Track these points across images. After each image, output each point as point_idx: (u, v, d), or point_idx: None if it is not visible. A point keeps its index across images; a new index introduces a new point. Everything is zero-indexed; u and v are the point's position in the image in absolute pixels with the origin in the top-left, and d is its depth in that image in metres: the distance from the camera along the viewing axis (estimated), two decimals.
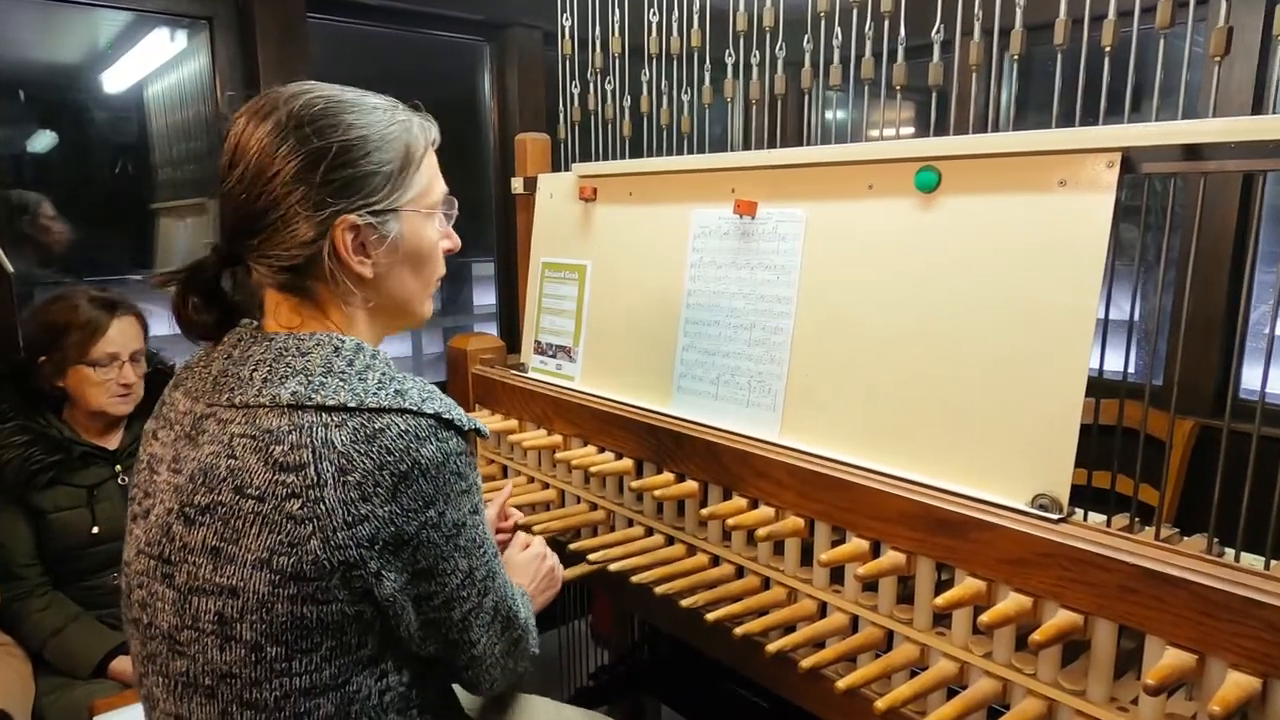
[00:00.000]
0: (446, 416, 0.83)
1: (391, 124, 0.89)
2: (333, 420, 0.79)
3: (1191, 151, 0.88)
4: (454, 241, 1.01)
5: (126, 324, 1.81)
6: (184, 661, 0.83)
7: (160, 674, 0.86)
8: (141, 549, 0.87)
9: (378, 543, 0.79)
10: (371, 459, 0.78)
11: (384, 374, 0.86)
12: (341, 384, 0.82)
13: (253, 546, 0.78)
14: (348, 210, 0.85)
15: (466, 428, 0.86)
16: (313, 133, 0.83)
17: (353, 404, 0.80)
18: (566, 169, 1.69)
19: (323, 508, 0.77)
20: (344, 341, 0.88)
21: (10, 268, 1.93)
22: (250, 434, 0.80)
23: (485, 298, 3.08)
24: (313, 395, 0.81)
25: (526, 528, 1.41)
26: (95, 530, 1.77)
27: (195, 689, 0.83)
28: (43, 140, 2.17)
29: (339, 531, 0.77)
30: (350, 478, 0.77)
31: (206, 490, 0.81)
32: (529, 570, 1.22)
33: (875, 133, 1.36)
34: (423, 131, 0.93)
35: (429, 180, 0.94)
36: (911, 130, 2.95)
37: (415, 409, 0.82)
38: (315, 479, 0.77)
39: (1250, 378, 2.21)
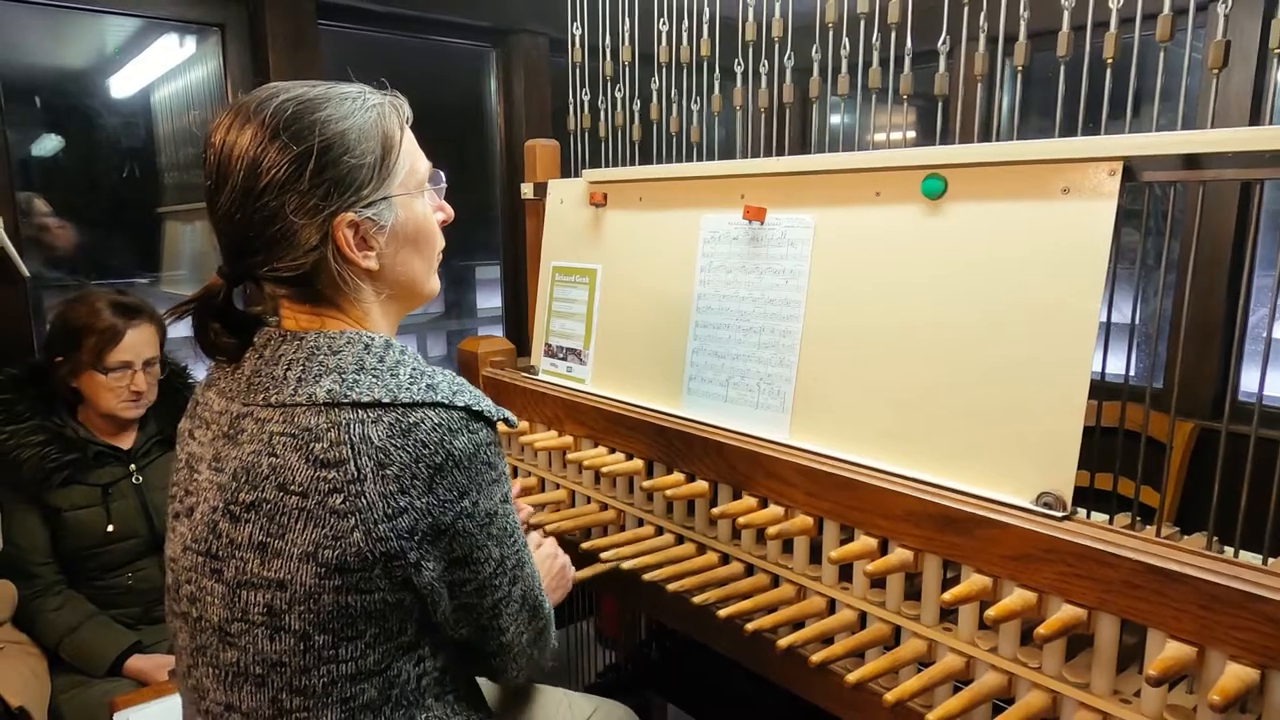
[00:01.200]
0: (476, 408, 0.86)
1: (365, 112, 0.88)
2: (369, 416, 0.81)
3: (1190, 161, 0.90)
4: (447, 212, 1.01)
5: (144, 331, 1.83)
6: (234, 652, 0.86)
7: (210, 665, 0.88)
8: (188, 545, 0.89)
9: (417, 533, 0.81)
10: (408, 452, 0.81)
11: (414, 369, 0.88)
12: (375, 380, 0.84)
13: (298, 541, 0.81)
14: (342, 209, 0.86)
15: (495, 418, 0.88)
16: (290, 139, 0.83)
17: (387, 400, 0.82)
18: (575, 175, 1.72)
19: (364, 501, 0.79)
20: (373, 339, 0.89)
21: (26, 271, 1.95)
22: (290, 432, 0.82)
23: (488, 301, 3.10)
24: (348, 393, 0.83)
25: (537, 526, 1.43)
26: (110, 529, 1.80)
27: (246, 678, 0.85)
28: (48, 144, 2.19)
29: (380, 524, 0.80)
30: (388, 471, 0.80)
31: (250, 488, 0.83)
32: (541, 570, 1.24)
33: (881, 136, 1.39)
34: (395, 112, 0.92)
35: (412, 159, 0.93)
36: (916, 135, 2.98)
37: (447, 402, 0.84)
38: (355, 474, 0.79)
39: (1251, 380, 2.24)
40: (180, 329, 1.80)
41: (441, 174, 0.99)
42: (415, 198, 0.93)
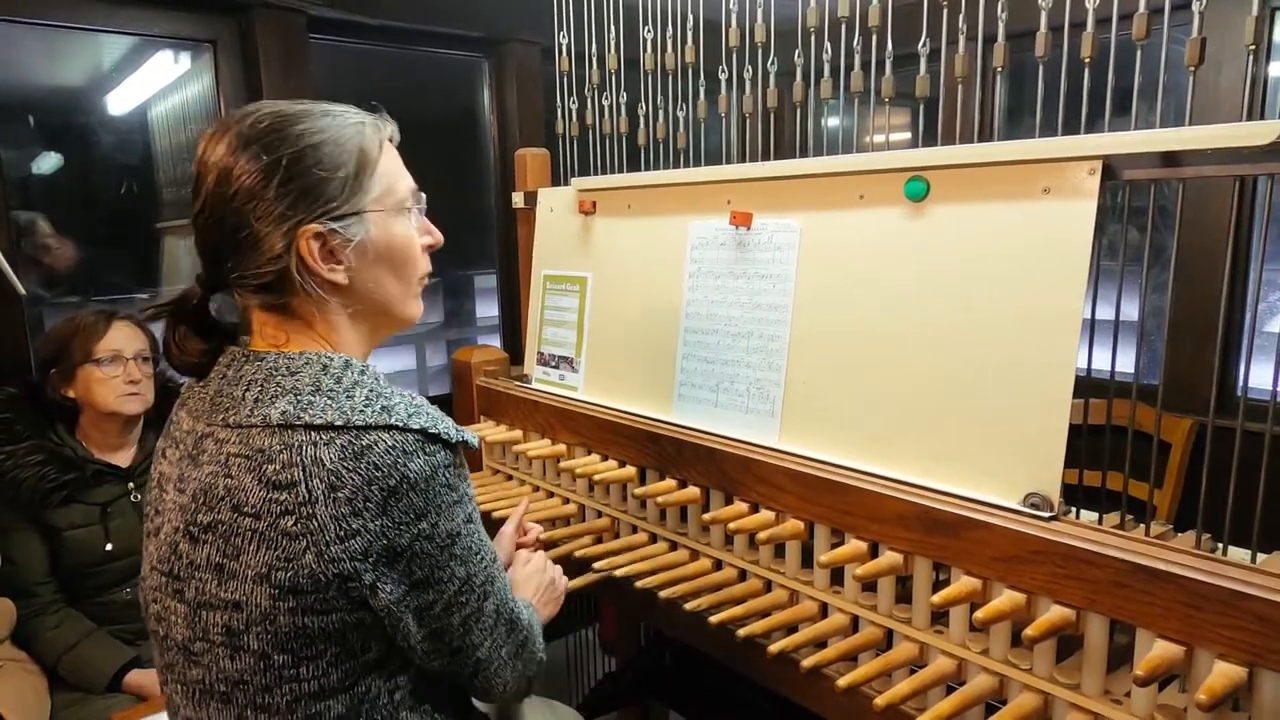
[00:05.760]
0: (433, 431, 0.84)
1: (343, 129, 0.89)
2: (321, 439, 0.81)
3: (1169, 158, 0.90)
4: (435, 237, 1.00)
5: (127, 328, 1.86)
6: (199, 670, 0.86)
7: (179, 682, 0.89)
8: (154, 565, 0.91)
9: (371, 555, 0.81)
10: (360, 475, 0.80)
11: (372, 390, 0.87)
12: (330, 402, 0.84)
13: (252, 563, 0.81)
14: (309, 220, 0.86)
15: (454, 440, 0.87)
16: (262, 149, 0.85)
17: (340, 422, 0.82)
18: (565, 183, 1.73)
19: (315, 523, 0.79)
20: (332, 359, 0.89)
21: (23, 290, 1.96)
22: (245, 454, 0.83)
23: (487, 310, 3.11)
24: (301, 414, 0.83)
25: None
26: (109, 547, 1.80)
27: (211, 695, 0.86)
28: (48, 162, 2.20)
29: (332, 546, 0.79)
30: (340, 494, 0.79)
31: (207, 509, 0.83)
32: (531, 584, 1.24)
33: (880, 138, 1.39)
34: (376, 131, 0.92)
35: (391, 178, 0.93)
36: (907, 136, 2.98)
37: (401, 425, 0.83)
38: (306, 496, 0.79)
39: (1251, 376, 2.22)
40: None
41: (423, 195, 0.98)
42: (393, 217, 0.93)
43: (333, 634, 0.83)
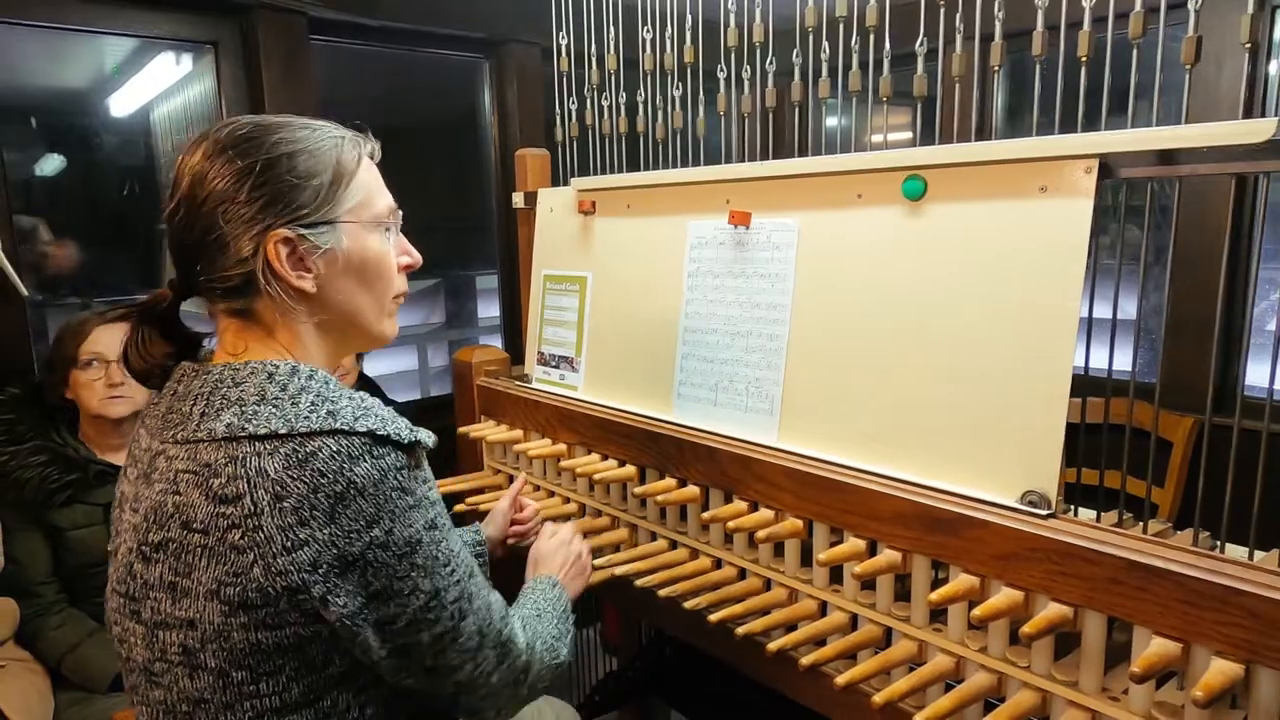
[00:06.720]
0: (381, 433, 0.82)
1: (320, 141, 0.89)
2: (265, 449, 0.79)
3: (1166, 156, 0.90)
4: (414, 257, 1.00)
5: (114, 329, 1.85)
6: (160, 691, 0.86)
7: (143, 703, 0.89)
8: (114, 587, 0.90)
9: (320, 566, 0.79)
10: (305, 483, 0.78)
11: (318, 395, 0.85)
12: (274, 411, 0.82)
13: (203, 579, 0.80)
14: (278, 224, 0.86)
15: (406, 441, 0.84)
16: (236, 154, 0.86)
17: (284, 430, 0.80)
18: (565, 183, 1.73)
19: (261, 535, 0.78)
20: (278, 366, 0.87)
21: (25, 291, 1.97)
22: (192, 469, 0.82)
23: (489, 310, 3.12)
24: (245, 425, 0.81)
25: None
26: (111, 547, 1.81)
27: (174, 716, 0.85)
28: (51, 164, 2.21)
29: (279, 558, 0.78)
30: (286, 504, 0.78)
31: (158, 528, 0.83)
32: (557, 557, 1.23)
33: (879, 137, 1.39)
34: (355, 146, 0.93)
35: (369, 192, 0.93)
36: (908, 135, 2.98)
37: (347, 429, 0.81)
38: (252, 508, 0.78)
39: (1252, 375, 2.21)
40: None
41: (400, 213, 0.98)
42: (369, 231, 0.93)
43: (289, 648, 0.82)
